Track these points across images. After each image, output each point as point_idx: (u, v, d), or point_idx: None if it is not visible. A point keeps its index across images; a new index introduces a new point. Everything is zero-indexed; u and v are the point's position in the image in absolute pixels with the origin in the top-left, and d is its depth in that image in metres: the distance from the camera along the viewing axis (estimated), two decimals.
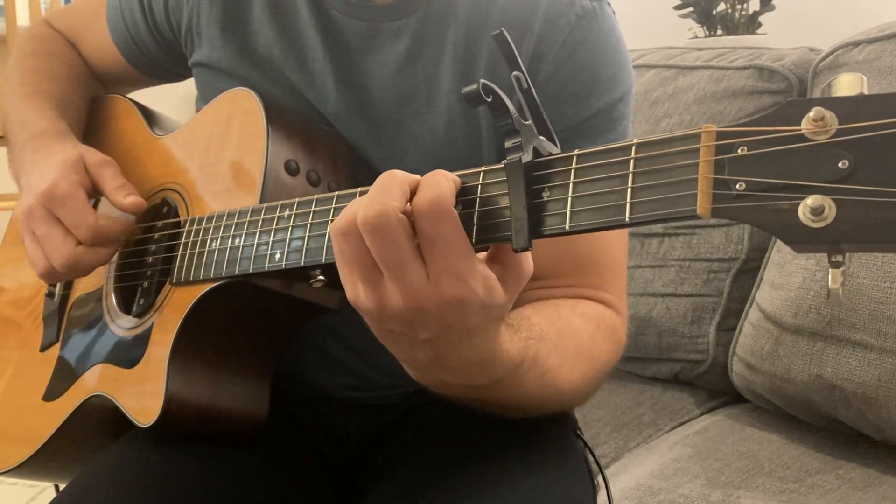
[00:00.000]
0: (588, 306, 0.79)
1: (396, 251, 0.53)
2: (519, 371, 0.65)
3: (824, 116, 0.42)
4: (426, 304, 0.54)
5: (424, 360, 0.60)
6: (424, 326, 0.56)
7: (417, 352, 0.60)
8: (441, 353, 0.59)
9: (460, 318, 0.55)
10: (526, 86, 0.55)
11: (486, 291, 0.55)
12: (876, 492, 1.03)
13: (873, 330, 1.07)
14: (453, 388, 0.65)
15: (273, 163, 0.77)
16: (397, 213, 0.53)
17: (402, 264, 0.54)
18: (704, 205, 0.45)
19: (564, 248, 0.80)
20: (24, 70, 1.03)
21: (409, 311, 0.55)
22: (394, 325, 0.57)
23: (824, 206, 0.41)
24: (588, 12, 0.81)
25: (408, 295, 0.54)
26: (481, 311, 0.56)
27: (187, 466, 0.79)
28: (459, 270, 0.54)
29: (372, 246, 0.54)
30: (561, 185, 0.51)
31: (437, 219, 0.53)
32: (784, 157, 0.43)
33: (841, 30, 1.35)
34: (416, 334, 0.57)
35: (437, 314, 0.55)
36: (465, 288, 0.54)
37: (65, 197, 0.83)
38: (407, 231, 0.53)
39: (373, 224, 0.53)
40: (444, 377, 0.62)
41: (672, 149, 0.47)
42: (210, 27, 0.89)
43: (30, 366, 0.98)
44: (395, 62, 0.84)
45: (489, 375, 0.63)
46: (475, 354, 0.60)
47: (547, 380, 0.69)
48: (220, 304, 0.77)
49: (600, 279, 0.81)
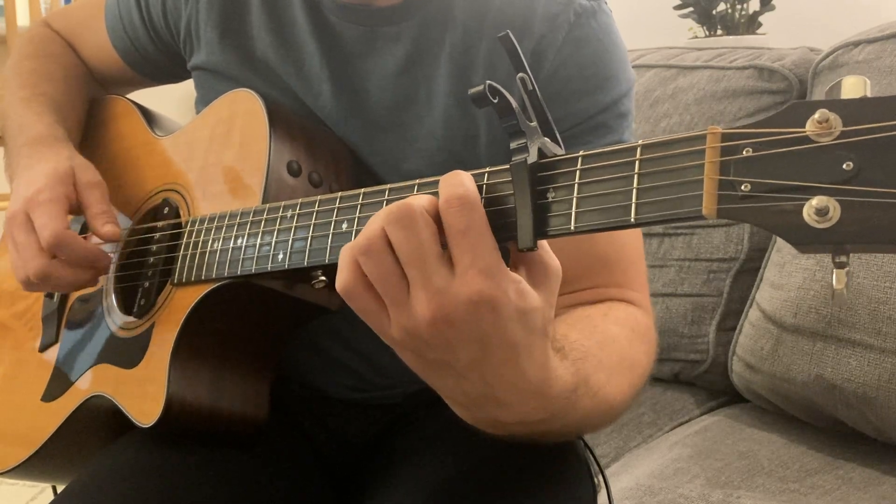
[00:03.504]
0: (619, 310, 0.77)
1: (422, 245, 0.51)
2: (574, 397, 0.61)
3: (829, 118, 0.42)
4: (454, 308, 0.51)
5: (474, 395, 0.56)
6: (459, 342, 0.52)
7: (463, 383, 0.55)
8: (487, 380, 0.55)
9: (495, 325, 0.52)
10: (531, 87, 0.55)
11: (517, 295, 0.52)
12: (876, 492, 1.03)
13: (873, 330, 1.08)
14: (511, 427, 0.60)
15: (275, 164, 0.77)
16: (422, 207, 0.52)
17: (427, 260, 0.51)
18: (710, 205, 0.45)
19: (583, 248, 0.78)
20: (22, 72, 1.03)
21: (440, 322, 0.52)
22: (430, 351, 0.54)
23: (829, 208, 0.41)
24: (586, 10, 0.81)
25: (434, 299, 0.51)
26: (519, 319, 0.52)
27: (188, 467, 0.79)
28: (489, 265, 0.51)
29: (398, 241, 0.52)
30: (566, 186, 0.51)
31: (466, 210, 0.51)
32: (789, 159, 0.43)
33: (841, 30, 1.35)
34: (455, 356, 0.53)
35: (469, 321, 0.52)
36: (495, 286, 0.51)
37: (43, 203, 0.83)
38: (431, 228, 0.52)
39: (396, 214, 0.51)
40: (498, 414, 0.58)
41: (677, 150, 0.47)
42: (208, 31, 0.89)
43: (29, 366, 0.98)
44: (395, 66, 0.84)
45: (547, 407, 0.58)
46: (525, 381, 0.55)
47: (599, 399, 0.65)
48: (222, 305, 0.77)
49: (623, 277, 0.80)
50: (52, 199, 0.84)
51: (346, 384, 0.92)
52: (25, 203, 0.84)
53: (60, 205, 0.84)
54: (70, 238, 0.83)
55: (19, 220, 0.84)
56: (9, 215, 0.86)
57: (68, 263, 0.83)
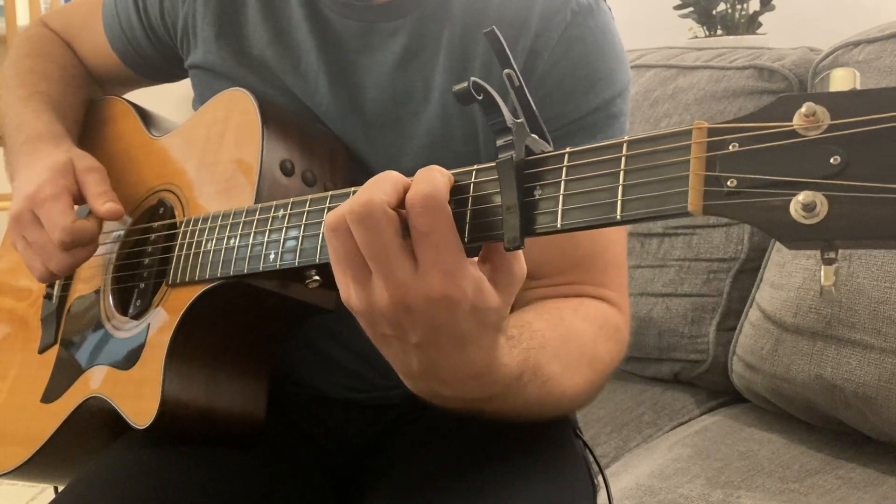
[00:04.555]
0: (590, 306, 0.78)
1: (381, 244, 0.53)
2: (518, 384, 0.63)
3: (816, 112, 0.41)
4: (413, 300, 0.53)
5: (417, 369, 0.59)
6: (413, 327, 0.55)
7: (410, 358, 0.58)
8: (433, 360, 0.57)
9: (449, 319, 0.54)
10: (518, 84, 0.54)
11: (476, 293, 0.54)
12: (876, 492, 1.03)
13: (873, 330, 1.07)
14: (448, 400, 0.63)
15: (268, 163, 0.77)
16: (384, 204, 0.52)
17: (388, 258, 0.53)
18: (696, 202, 0.44)
19: (564, 245, 0.80)
20: (20, 71, 1.03)
21: (397, 309, 0.54)
22: (384, 327, 0.56)
23: (816, 203, 0.41)
24: (584, 8, 0.81)
25: (394, 291, 0.53)
26: (472, 315, 0.54)
27: (186, 468, 0.79)
28: (449, 267, 0.52)
29: (358, 238, 0.53)
30: (553, 184, 0.51)
31: (430, 212, 0.52)
32: (775, 154, 0.42)
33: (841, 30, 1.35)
34: (406, 336, 0.56)
35: (425, 313, 0.54)
36: (454, 286, 0.53)
37: (47, 199, 0.83)
38: (394, 225, 0.53)
39: (357, 213, 0.53)
40: (439, 389, 0.61)
41: (663, 146, 0.46)
42: (205, 29, 0.89)
43: (28, 367, 0.98)
44: (392, 62, 0.83)
45: (485, 390, 0.61)
46: (469, 366, 0.58)
47: (549, 388, 0.67)
48: (216, 305, 0.77)
49: (601, 276, 0.81)
50: (55, 194, 0.84)
51: (345, 384, 0.91)
52: (29, 201, 0.84)
53: (65, 198, 0.84)
54: (80, 229, 0.83)
55: (27, 220, 0.84)
56: (14, 215, 0.85)
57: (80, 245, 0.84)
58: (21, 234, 0.86)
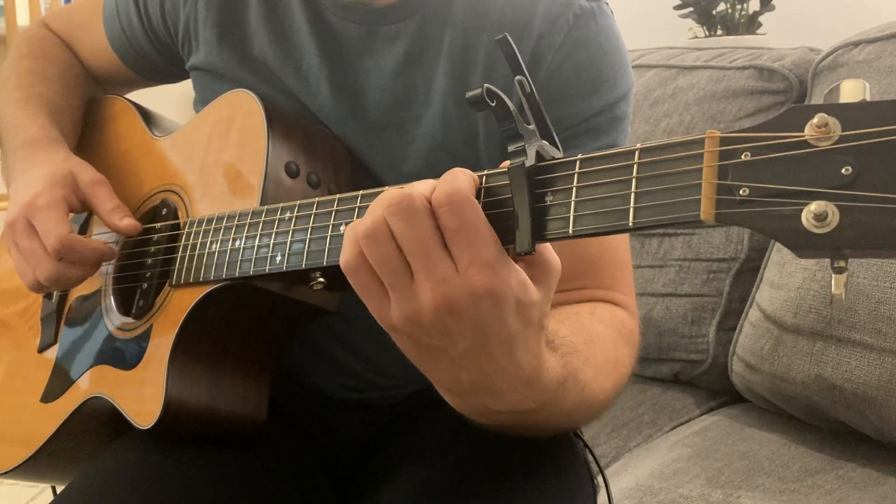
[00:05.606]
0: (605, 311, 0.78)
1: (424, 238, 0.51)
2: (562, 389, 0.61)
3: (827, 123, 0.42)
4: (458, 298, 0.51)
5: (468, 381, 0.56)
6: (460, 331, 0.52)
7: (458, 370, 0.55)
8: (483, 369, 0.55)
9: (496, 315, 0.52)
10: (529, 90, 0.54)
11: (519, 286, 0.52)
12: (876, 492, 1.03)
13: (873, 330, 1.08)
14: (500, 416, 0.60)
15: (273, 165, 0.77)
16: (422, 197, 0.51)
17: (430, 253, 0.51)
18: (708, 210, 0.44)
19: (573, 249, 0.78)
20: (19, 72, 1.03)
21: (442, 311, 0.52)
22: (431, 338, 0.54)
23: (827, 213, 0.41)
24: (586, 12, 0.81)
25: (438, 289, 0.51)
26: (518, 311, 0.53)
27: (187, 468, 0.79)
28: (489, 259, 0.51)
29: (400, 233, 0.52)
30: (564, 190, 0.51)
31: (457, 208, 0.51)
32: (787, 163, 0.43)
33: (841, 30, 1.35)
34: (454, 345, 0.53)
35: (471, 311, 0.51)
36: (497, 278, 0.51)
37: (43, 208, 0.84)
38: (433, 219, 0.52)
39: (398, 206, 0.51)
40: (490, 402, 0.58)
41: (676, 154, 0.46)
42: (206, 31, 0.89)
43: (28, 367, 0.98)
44: (394, 65, 0.83)
45: (536, 398, 0.59)
46: (519, 371, 0.56)
47: (585, 395, 0.66)
48: (220, 307, 0.77)
49: (611, 279, 0.81)
50: (51, 204, 0.84)
51: (346, 385, 0.92)
52: (25, 208, 0.84)
53: (61, 208, 0.85)
54: (75, 241, 0.83)
55: (20, 226, 0.85)
56: (9, 221, 0.86)
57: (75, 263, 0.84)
58: (14, 241, 0.86)
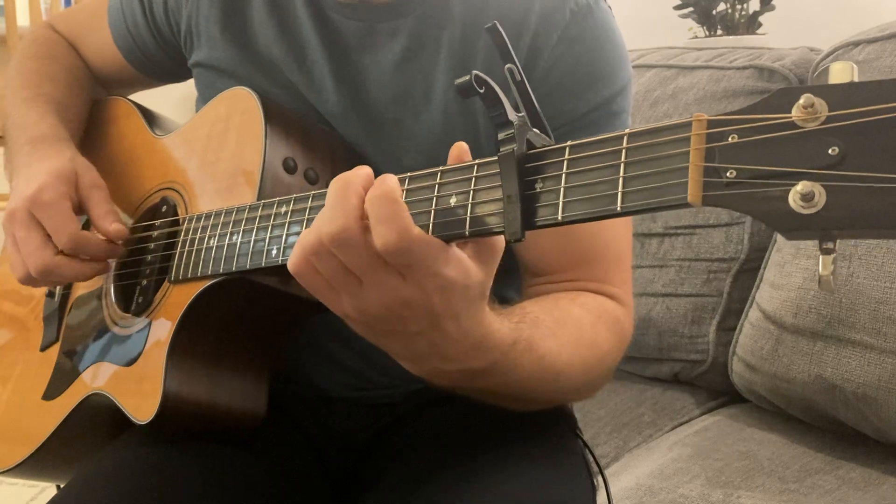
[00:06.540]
0: (588, 298, 0.80)
1: (368, 260, 0.55)
2: (513, 351, 0.65)
3: (814, 104, 0.42)
4: (408, 298, 0.56)
5: (420, 352, 0.61)
6: (413, 318, 0.57)
7: (412, 345, 0.61)
8: (434, 342, 0.60)
9: (444, 302, 0.57)
10: (519, 78, 0.55)
11: (462, 274, 0.56)
12: (876, 492, 1.03)
13: (873, 330, 1.07)
14: (451, 375, 0.65)
15: (271, 161, 0.77)
16: (359, 222, 0.54)
17: (376, 269, 0.55)
18: (695, 193, 0.45)
19: (567, 241, 0.80)
20: (25, 72, 1.03)
21: (395, 308, 0.57)
22: (383, 325, 0.59)
23: (814, 193, 0.41)
24: (582, 7, 0.81)
25: (388, 294, 0.56)
26: (463, 293, 0.57)
27: (186, 465, 0.79)
28: (431, 267, 0.55)
29: (345, 259, 0.56)
30: (554, 177, 0.51)
31: (400, 247, 0.54)
32: (774, 145, 0.43)
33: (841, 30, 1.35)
34: (406, 328, 0.59)
35: (423, 303, 0.56)
36: (442, 279, 0.55)
37: (49, 203, 0.84)
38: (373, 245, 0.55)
39: (339, 240, 0.55)
40: (443, 365, 0.63)
41: (663, 138, 0.47)
42: (209, 27, 0.90)
43: (30, 365, 0.98)
44: (393, 61, 0.84)
45: (485, 357, 0.63)
46: (466, 337, 0.60)
47: (545, 364, 0.69)
48: (218, 302, 0.78)
49: (604, 272, 0.82)
50: (57, 199, 0.84)
51: (346, 383, 0.92)
52: (27, 201, 0.84)
53: (66, 204, 0.85)
54: (86, 239, 0.84)
55: (20, 217, 0.85)
56: (9, 212, 0.86)
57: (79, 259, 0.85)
58: (11, 232, 0.86)
